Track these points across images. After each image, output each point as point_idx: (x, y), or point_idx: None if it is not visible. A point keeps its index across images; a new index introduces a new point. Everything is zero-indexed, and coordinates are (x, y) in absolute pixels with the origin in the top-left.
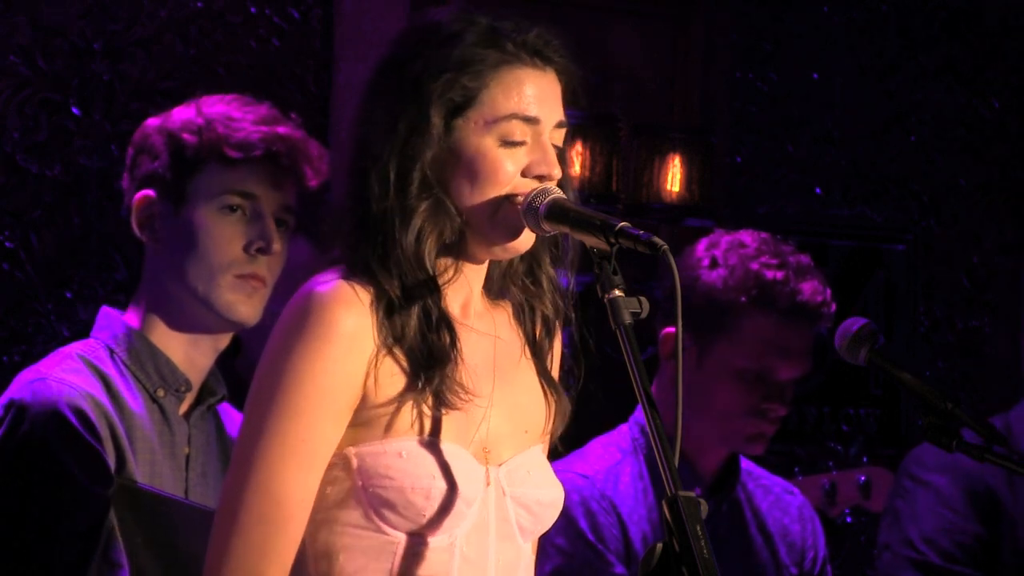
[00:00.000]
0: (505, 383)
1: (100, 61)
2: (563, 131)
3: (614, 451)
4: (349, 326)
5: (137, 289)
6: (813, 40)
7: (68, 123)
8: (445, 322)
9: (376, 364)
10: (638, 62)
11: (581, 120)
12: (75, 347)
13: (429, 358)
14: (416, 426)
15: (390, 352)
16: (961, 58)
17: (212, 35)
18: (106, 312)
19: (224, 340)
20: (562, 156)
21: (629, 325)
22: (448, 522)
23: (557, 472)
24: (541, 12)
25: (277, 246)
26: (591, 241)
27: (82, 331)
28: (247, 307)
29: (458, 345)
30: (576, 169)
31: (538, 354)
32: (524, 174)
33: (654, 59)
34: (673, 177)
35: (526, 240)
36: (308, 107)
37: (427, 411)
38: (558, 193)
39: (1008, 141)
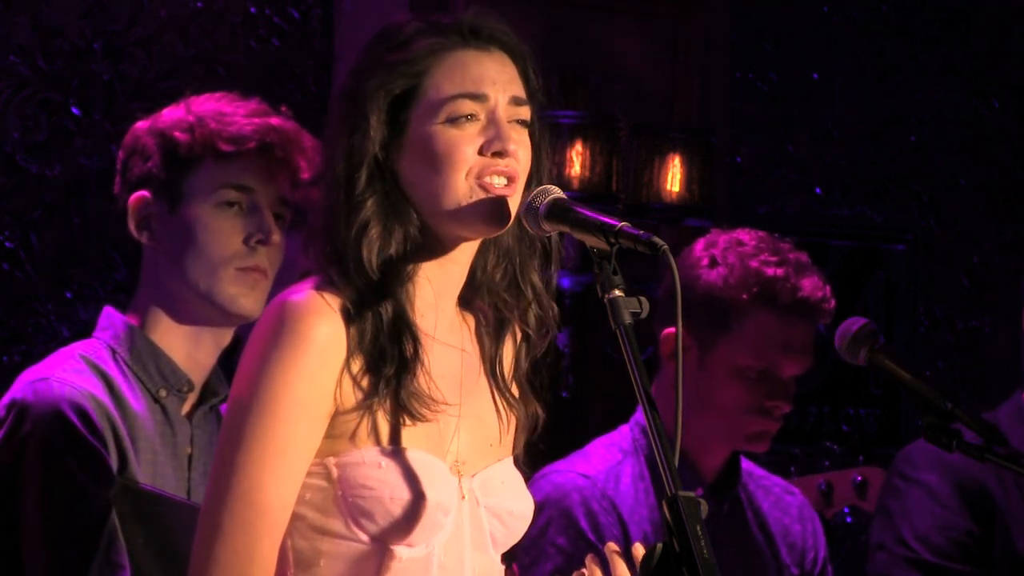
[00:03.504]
0: (470, 397)
1: (100, 61)
2: (524, 108)
3: (615, 451)
4: (322, 335)
5: (136, 290)
6: (813, 40)
7: (68, 123)
8: (406, 328)
9: (343, 373)
10: (638, 62)
11: (581, 120)
12: (77, 347)
13: (383, 364)
14: (389, 437)
15: (356, 361)
16: (961, 58)
17: (212, 35)
18: (108, 312)
19: (226, 337)
20: (535, 139)
21: (629, 325)
22: (426, 532)
23: (559, 472)
24: (542, 12)
25: (276, 237)
26: (591, 241)
27: (82, 331)
28: (250, 300)
29: (421, 355)
30: (576, 169)
31: (496, 370)
32: (481, 153)
33: (654, 59)
34: (673, 177)
35: (508, 222)
36: (308, 107)
37: (397, 421)
38: (558, 193)
39: (1008, 141)
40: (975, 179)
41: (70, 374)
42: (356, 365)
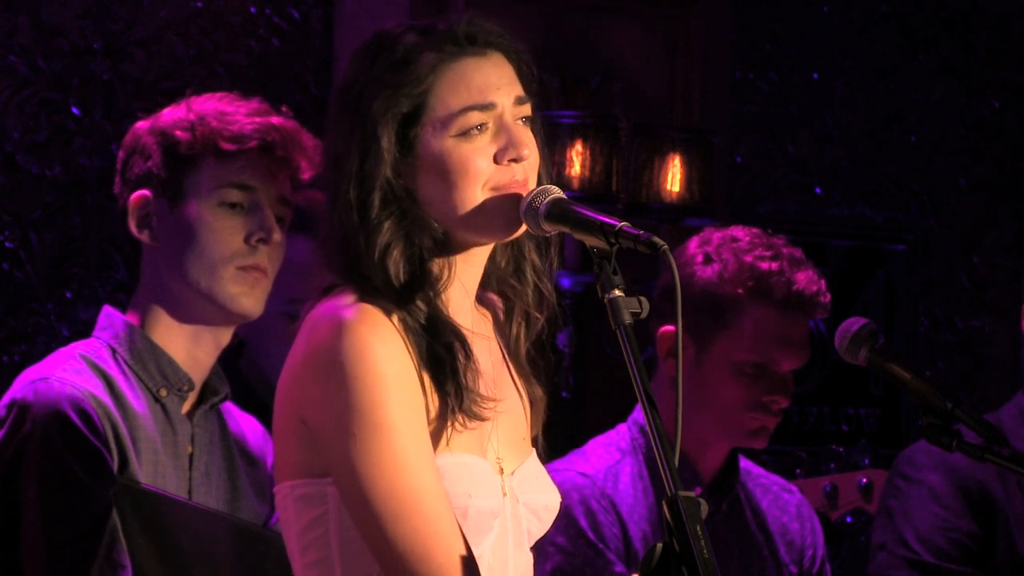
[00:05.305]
0: (500, 390)
1: (100, 61)
2: (527, 105)
3: (613, 451)
4: (396, 346)
5: (137, 289)
6: (813, 40)
7: (68, 123)
8: (452, 331)
9: (420, 378)
10: (638, 62)
11: (581, 120)
12: (77, 347)
13: (440, 368)
14: (446, 442)
15: (420, 367)
16: (961, 58)
17: (212, 35)
18: (108, 311)
19: (226, 336)
20: (536, 130)
21: (629, 325)
22: (479, 536)
23: (557, 471)
24: (541, 12)
25: (277, 236)
26: (591, 241)
27: (82, 331)
28: (250, 299)
29: (472, 354)
30: (576, 169)
31: (515, 356)
32: (497, 162)
33: (654, 59)
34: (673, 177)
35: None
36: (308, 107)
37: (449, 424)
38: (558, 193)
39: (1008, 141)
40: (975, 179)
41: (70, 374)
42: (422, 371)
